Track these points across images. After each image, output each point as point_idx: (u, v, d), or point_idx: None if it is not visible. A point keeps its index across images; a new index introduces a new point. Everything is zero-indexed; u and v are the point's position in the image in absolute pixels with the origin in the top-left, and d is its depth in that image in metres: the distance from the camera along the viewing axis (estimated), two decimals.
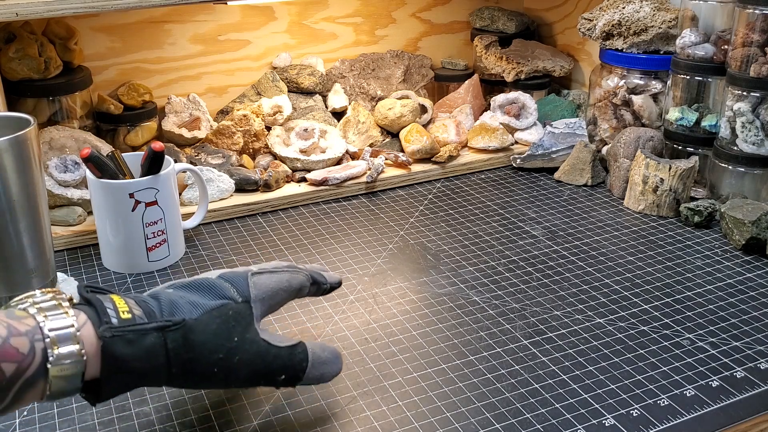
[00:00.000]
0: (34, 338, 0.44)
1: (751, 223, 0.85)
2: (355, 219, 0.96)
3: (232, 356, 0.52)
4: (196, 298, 0.52)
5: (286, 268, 0.59)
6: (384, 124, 1.15)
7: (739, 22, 0.92)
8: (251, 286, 0.55)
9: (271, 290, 0.56)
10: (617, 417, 0.59)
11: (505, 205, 1.00)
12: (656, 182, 0.95)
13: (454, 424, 0.59)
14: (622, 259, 0.85)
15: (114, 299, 0.49)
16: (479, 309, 0.75)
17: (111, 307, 0.48)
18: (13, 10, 0.78)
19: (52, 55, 0.97)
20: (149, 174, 0.81)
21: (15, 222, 0.69)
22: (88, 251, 0.88)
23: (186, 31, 1.12)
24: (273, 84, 1.16)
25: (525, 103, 1.18)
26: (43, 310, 0.46)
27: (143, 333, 0.48)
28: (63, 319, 0.46)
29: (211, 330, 0.51)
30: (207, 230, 0.93)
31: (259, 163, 1.05)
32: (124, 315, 0.48)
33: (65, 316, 0.46)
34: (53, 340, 0.45)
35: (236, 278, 0.55)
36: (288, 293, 0.58)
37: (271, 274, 0.57)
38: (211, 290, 0.54)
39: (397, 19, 1.28)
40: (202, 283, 0.54)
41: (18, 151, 0.67)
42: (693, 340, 0.70)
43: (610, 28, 1.07)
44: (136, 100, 1.06)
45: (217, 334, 0.51)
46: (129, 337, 0.47)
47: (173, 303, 0.51)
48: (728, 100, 0.94)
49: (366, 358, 0.67)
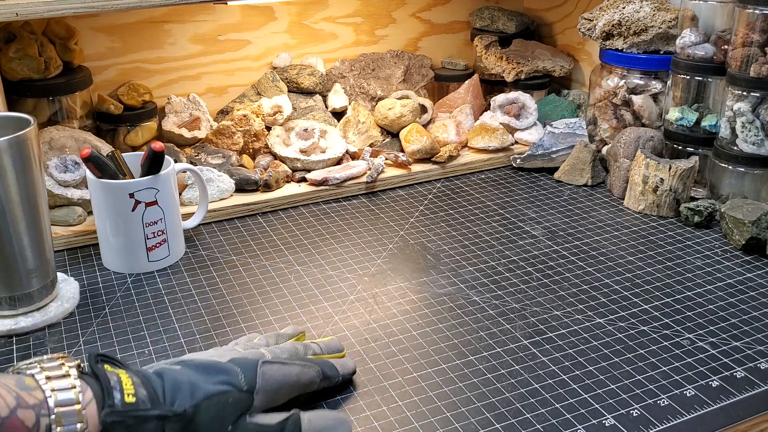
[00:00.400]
0: (41, 413, 0.45)
1: (751, 223, 0.85)
2: (355, 219, 0.96)
3: None
4: (200, 381, 0.52)
5: (298, 362, 0.59)
6: (384, 124, 1.15)
7: (739, 22, 0.92)
8: (259, 377, 0.55)
9: (277, 383, 0.56)
10: (617, 417, 0.59)
11: (505, 205, 1.00)
12: (656, 182, 0.95)
13: (454, 424, 0.59)
14: (622, 259, 0.85)
15: (121, 377, 0.50)
16: (479, 309, 0.75)
17: (117, 388, 0.49)
18: (13, 10, 0.78)
19: (52, 55, 0.97)
20: (149, 174, 0.81)
21: (15, 222, 0.69)
22: (88, 251, 0.88)
23: (186, 31, 1.12)
24: (273, 84, 1.16)
25: (525, 103, 1.18)
26: (51, 380, 0.47)
27: (143, 420, 0.48)
28: (69, 394, 0.47)
29: (208, 417, 0.51)
30: (207, 230, 0.93)
31: (259, 163, 1.05)
32: (128, 398, 0.48)
33: (71, 391, 0.47)
34: (58, 419, 0.46)
35: (246, 365, 0.55)
36: (294, 389, 0.57)
37: (281, 366, 0.57)
38: (219, 374, 0.54)
39: (397, 19, 1.28)
40: (211, 366, 0.54)
41: (18, 151, 0.67)
42: (693, 340, 0.70)
43: (610, 28, 1.07)
44: (136, 100, 1.06)
45: (212, 422, 0.51)
46: (129, 422, 0.48)
47: (176, 385, 0.51)
48: (728, 100, 0.94)
49: (366, 358, 0.67)
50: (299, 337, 0.66)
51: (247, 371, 0.55)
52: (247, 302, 0.77)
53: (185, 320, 0.74)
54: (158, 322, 0.73)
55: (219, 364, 0.55)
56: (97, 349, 0.69)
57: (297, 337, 0.66)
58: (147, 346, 0.69)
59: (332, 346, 0.65)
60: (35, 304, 0.73)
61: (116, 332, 0.72)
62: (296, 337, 0.65)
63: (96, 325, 0.73)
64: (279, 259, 0.86)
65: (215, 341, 0.70)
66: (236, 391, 0.53)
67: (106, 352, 0.61)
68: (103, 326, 0.73)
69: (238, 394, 0.53)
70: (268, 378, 0.55)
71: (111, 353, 0.57)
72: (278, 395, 0.56)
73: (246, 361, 0.56)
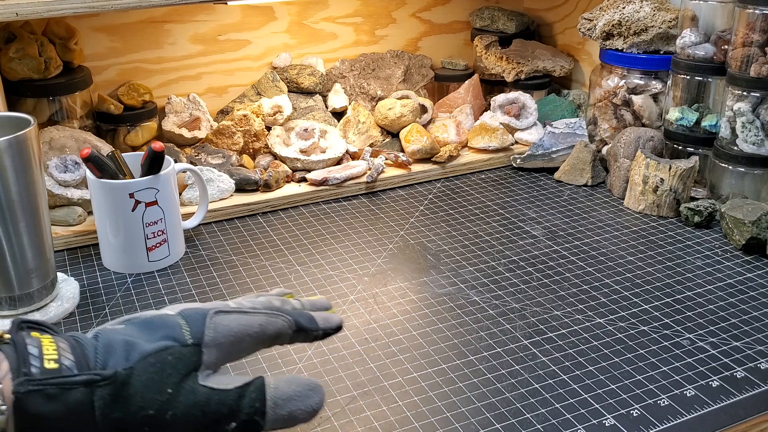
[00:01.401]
0: None
1: (751, 223, 0.85)
2: (355, 219, 0.96)
3: (164, 412, 0.43)
4: (139, 340, 0.45)
5: (264, 310, 0.50)
6: (384, 124, 1.15)
7: (739, 22, 0.92)
8: (208, 327, 0.46)
9: (233, 335, 0.47)
10: (617, 417, 0.59)
11: (505, 205, 1.00)
12: (656, 182, 0.95)
13: (454, 424, 0.59)
14: (622, 259, 0.85)
15: (42, 341, 0.42)
16: (479, 309, 0.75)
17: (36, 353, 0.41)
18: (13, 10, 0.78)
19: (52, 55, 0.97)
20: (149, 174, 0.81)
21: (15, 222, 0.69)
22: (88, 251, 0.88)
23: (186, 31, 1.12)
24: (273, 84, 1.16)
25: (525, 103, 1.18)
26: None
27: (68, 388, 0.41)
28: None
29: (141, 382, 0.43)
30: (207, 230, 0.93)
31: (259, 163, 1.05)
32: (48, 365, 0.41)
33: None
34: None
35: (194, 316, 0.47)
36: (257, 340, 0.48)
37: (240, 315, 0.48)
38: (161, 329, 0.46)
39: (397, 19, 1.28)
40: (153, 321, 0.47)
41: (18, 151, 0.67)
42: (693, 340, 0.70)
43: (610, 28, 1.07)
44: (136, 100, 1.07)
45: (147, 386, 0.43)
46: (50, 391, 0.40)
47: (109, 347, 0.44)
48: (728, 100, 0.94)
49: (366, 358, 0.67)
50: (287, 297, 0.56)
51: (194, 323, 0.46)
52: None
53: None
54: None
55: (162, 318, 0.47)
56: None
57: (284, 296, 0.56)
58: None
59: (318, 304, 0.55)
60: (35, 304, 0.73)
61: None
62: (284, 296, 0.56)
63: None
64: (279, 259, 0.86)
65: None
66: (178, 346, 0.45)
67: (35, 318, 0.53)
68: None
69: (180, 349, 0.45)
70: (221, 329, 0.47)
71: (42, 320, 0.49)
72: (237, 348, 0.48)
73: (195, 311, 0.48)
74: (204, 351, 0.46)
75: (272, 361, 0.67)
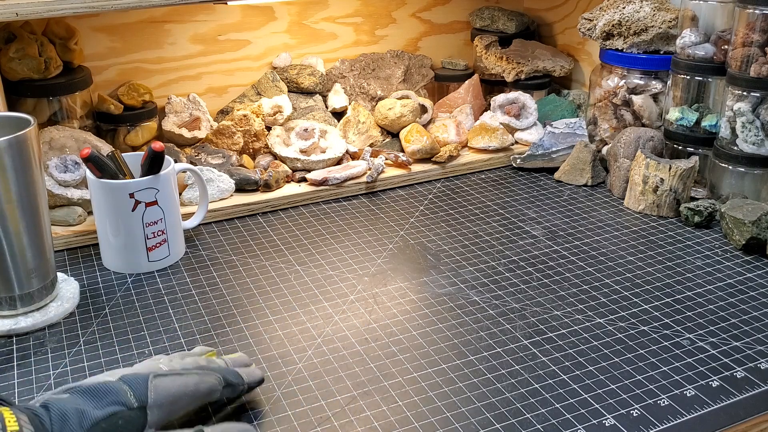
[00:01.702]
0: None
1: (751, 223, 0.85)
2: (355, 219, 0.96)
3: None
4: (88, 407, 0.50)
5: (196, 370, 0.56)
6: (384, 124, 1.15)
7: (739, 22, 0.92)
8: (150, 390, 0.52)
9: (172, 396, 0.53)
10: (617, 417, 0.59)
11: (505, 205, 1.00)
12: (656, 182, 0.95)
13: (454, 424, 0.59)
14: (622, 259, 0.85)
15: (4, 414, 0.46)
16: (479, 309, 0.75)
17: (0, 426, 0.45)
18: (13, 10, 0.78)
19: (52, 55, 0.97)
20: (149, 174, 0.81)
21: (15, 222, 0.69)
22: (88, 251, 0.88)
23: (186, 31, 1.12)
24: (273, 84, 1.16)
25: (525, 103, 1.18)
26: None
27: None
28: None
29: None
30: (207, 230, 0.93)
31: (259, 163, 1.05)
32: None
33: None
34: None
35: (136, 380, 0.53)
36: (193, 398, 0.55)
37: (176, 377, 0.54)
38: (107, 396, 0.51)
39: (397, 19, 1.28)
40: (98, 388, 0.51)
41: (18, 151, 0.67)
42: (693, 340, 0.70)
43: (610, 28, 1.07)
44: (136, 100, 1.07)
45: None
46: None
47: (63, 416, 0.48)
48: (728, 100, 0.94)
49: (366, 358, 0.67)
50: (209, 355, 0.63)
51: (136, 387, 0.52)
52: (247, 302, 0.77)
53: (185, 320, 0.74)
54: (158, 322, 0.73)
55: (106, 385, 0.52)
56: (98, 349, 0.69)
57: (206, 354, 0.63)
58: (147, 346, 0.70)
59: (238, 361, 0.62)
60: (35, 304, 0.73)
61: (116, 332, 0.72)
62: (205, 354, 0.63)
63: (96, 325, 0.73)
64: (279, 259, 0.86)
65: (215, 341, 0.70)
66: (126, 410, 0.51)
67: None
68: (103, 326, 0.73)
69: (128, 413, 0.51)
70: (161, 390, 0.53)
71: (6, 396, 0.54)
72: (176, 407, 0.54)
73: (136, 376, 0.53)
74: (148, 412, 0.52)
75: (272, 361, 0.67)
